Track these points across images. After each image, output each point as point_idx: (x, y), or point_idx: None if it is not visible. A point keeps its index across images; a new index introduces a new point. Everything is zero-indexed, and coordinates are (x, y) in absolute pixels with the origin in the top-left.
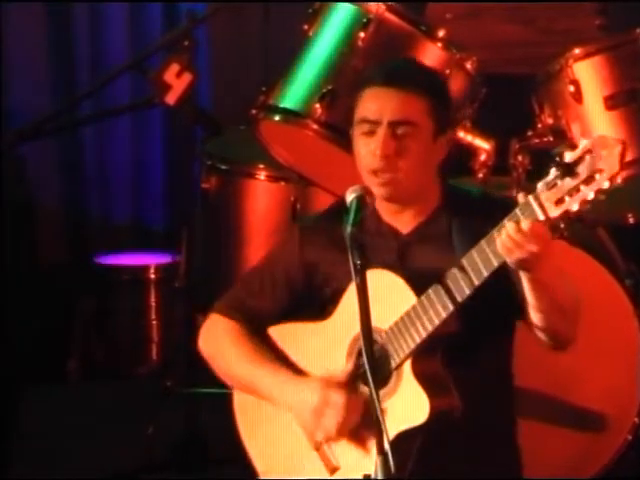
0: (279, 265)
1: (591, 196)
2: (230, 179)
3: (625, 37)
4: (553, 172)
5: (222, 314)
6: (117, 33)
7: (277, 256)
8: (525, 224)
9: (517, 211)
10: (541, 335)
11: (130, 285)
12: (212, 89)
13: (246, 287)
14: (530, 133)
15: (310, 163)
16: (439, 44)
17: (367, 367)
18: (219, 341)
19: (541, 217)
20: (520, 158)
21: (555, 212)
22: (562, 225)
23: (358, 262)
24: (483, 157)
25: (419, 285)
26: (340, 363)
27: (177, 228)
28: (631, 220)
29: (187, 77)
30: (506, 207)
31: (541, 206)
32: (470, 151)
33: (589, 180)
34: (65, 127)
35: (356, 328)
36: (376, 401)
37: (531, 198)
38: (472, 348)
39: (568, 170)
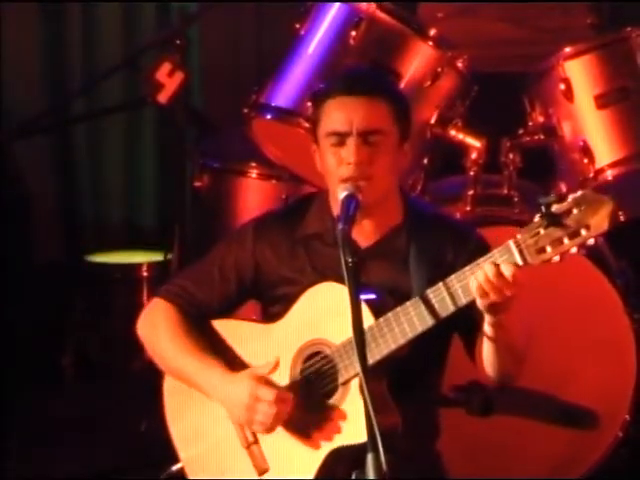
0: (230, 259)
1: (573, 250)
2: (222, 177)
3: (616, 36)
4: (538, 220)
5: (165, 299)
6: (110, 32)
7: (229, 250)
8: (506, 269)
9: (496, 253)
10: (489, 372)
11: (123, 283)
12: (204, 88)
13: (193, 276)
14: (521, 131)
15: (302, 161)
16: (430, 43)
17: (359, 365)
18: (156, 326)
19: (519, 263)
20: (511, 156)
21: (535, 260)
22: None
23: (349, 260)
24: (474, 155)
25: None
26: (284, 368)
27: (169, 226)
28: (622, 218)
29: (179, 76)
30: (458, 231)
31: (521, 253)
32: (461, 149)
33: (574, 234)
34: (59, 126)
35: (306, 336)
36: (368, 402)
37: (512, 243)
38: (416, 370)
39: (554, 221)
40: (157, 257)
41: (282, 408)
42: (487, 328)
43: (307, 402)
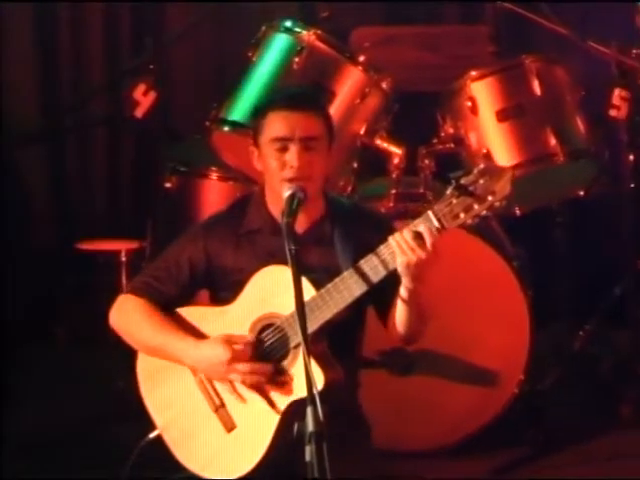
0: (184, 255)
1: (483, 213)
2: (188, 179)
3: (513, 61)
4: (450, 191)
5: (132, 294)
6: (95, 58)
7: (182, 248)
8: (425, 231)
9: (417, 221)
10: (399, 332)
11: (105, 265)
12: (173, 104)
13: (154, 273)
14: (435, 141)
15: (253, 165)
16: (360, 67)
17: (302, 338)
18: (130, 315)
19: (438, 228)
20: (426, 161)
21: (451, 225)
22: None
23: (292, 248)
24: (396, 160)
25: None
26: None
27: (144, 219)
28: (518, 212)
29: (152, 95)
30: (375, 218)
31: (439, 220)
32: (385, 155)
33: (482, 200)
34: (53, 135)
35: (257, 312)
36: (307, 363)
37: (430, 213)
38: (349, 331)
39: (464, 191)
40: (134, 245)
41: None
42: (403, 293)
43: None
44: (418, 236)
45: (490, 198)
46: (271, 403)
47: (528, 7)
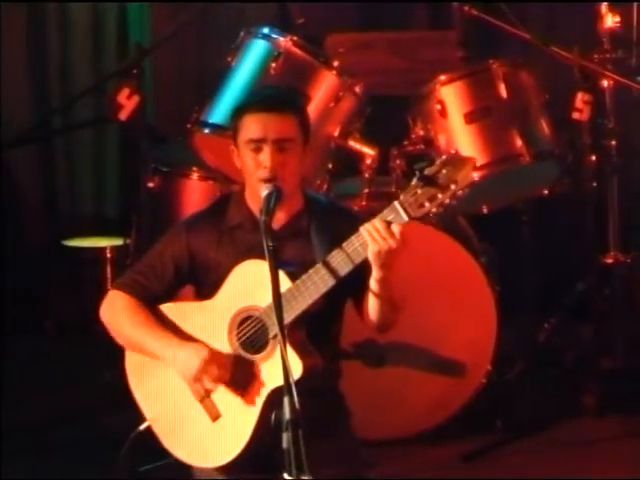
0: (168, 253)
1: (446, 201)
2: (170, 179)
3: (480, 66)
4: (415, 182)
5: (120, 290)
6: (82, 63)
7: (166, 246)
8: (393, 222)
9: (385, 212)
10: (372, 321)
11: (91, 262)
12: (156, 107)
13: (140, 270)
14: (406, 142)
15: (232, 165)
16: (334, 72)
17: (279, 330)
18: (118, 311)
19: (405, 218)
20: (398, 162)
21: (417, 214)
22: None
23: (270, 245)
24: (369, 161)
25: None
26: (222, 334)
27: (128, 217)
28: (485, 210)
29: (136, 98)
30: (349, 214)
31: (405, 210)
32: (358, 156)
33: (445, 189)
34: (43, 137)
35: (237, 306)
36: (284, 353)
37: (397, 203)
38: (326, 321)
39: (428, 181)
40: (118, 242)
41: (222, 372)
42: (373, 283)
43: (246, 357)
44: (387, 225)
45: (453, 187)
46: (253, 392)
47: (495, 14)
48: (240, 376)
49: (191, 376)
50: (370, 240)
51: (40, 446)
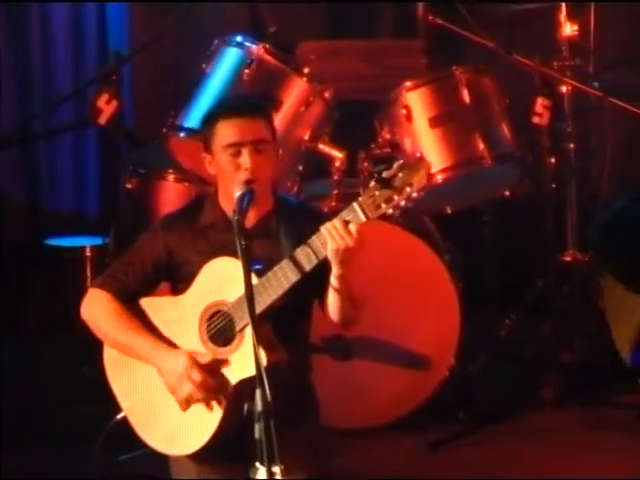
0: (145, 250)
1: (402, 203)
2: (147, 180)
3: (444, 73)
4: (373, 184)
5: (100, 288)
6: (63, 69)
7: (144, 244)
8: (351, 222)
9: (344, 212)
10: (334, 317)
11: (72, 260)
12: (134, 112)
13: (119, 268)
14: (373, 145)
15: (206, 168)
16: (305, 78)
17: (251, 324)
18: (97, 309)
19: (362, 218)
20: (365, 164)
21: (374, 215)
22: (397, 215)
23: (243, 243)
24: (338, 163)
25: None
26: (193, 327)
27: (107, 217)
28: (449, 211)
29: (114, 103)
30: (317, 214)
31: (363, 210)
32: (328, 159)
33: (401, 191)
34: (25, 140)
35: (206, 301)
36: (255, 347)
37: (355, 204)
38: (292, 317)
39: (385, 184)
40: (98, 241)
41: (202, 390)
42: (333, 280)
43: (214, 350)
44: (346, 225)
45: (408, 189)
46: (221, 383)
47: (458, 23)
48: (210, 368)
49: (173, 382)
50: (329, 238)
51: (21, 438)
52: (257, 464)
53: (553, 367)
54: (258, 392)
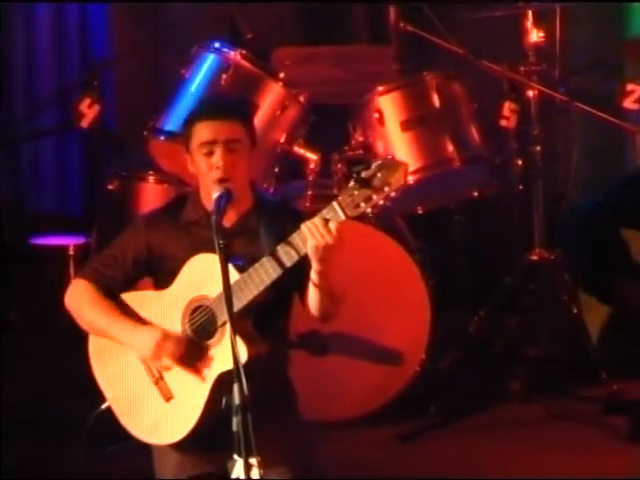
0: (128, 245)
1: (380, 202)
2: (128, 182)
3: (415, 78)
4: (352, 184)
5: (84, 278)
6: (47, 74)
7: (126, 238)
8: (331, 220)
9: (324, 211)
10: (314, 311)
11: (55, 259)
12: (116, 116)
13: (102, 260)
14: (346, 148)
15: (185, 169)
16: (280, 83)
17: (229, 321)
18: (80, 298)
19: (342, 217)
20: (339, 166)
21: (353, 213)
22: (370, 215)
23: (221, 242)
24: (312, 165)
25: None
26: (176, 321)
27: (90, 217)
28: (420, 211)
29: (96, 108)
30: (296, 213)
31: (342, 209)
32: (302, 161)
33: (379, 191)
34: (10, 142)
35: (189, 295)
36: (234, 342)
37: (335, 203)
38: (273, 312)
39: (364, 183)
40: (81, 240)
41: (175, 348)
42: (313, 276)
43: (196, 343)
44: (325, 223)
45: (386, 189)
46: (202, 375)
47: (429, 30)
48: (191, 360)
49: (148, 354)
50: (309, 236)
51: (7, 430)
52: (235, 456)
53: (520, 362)
54: (236, 386)
